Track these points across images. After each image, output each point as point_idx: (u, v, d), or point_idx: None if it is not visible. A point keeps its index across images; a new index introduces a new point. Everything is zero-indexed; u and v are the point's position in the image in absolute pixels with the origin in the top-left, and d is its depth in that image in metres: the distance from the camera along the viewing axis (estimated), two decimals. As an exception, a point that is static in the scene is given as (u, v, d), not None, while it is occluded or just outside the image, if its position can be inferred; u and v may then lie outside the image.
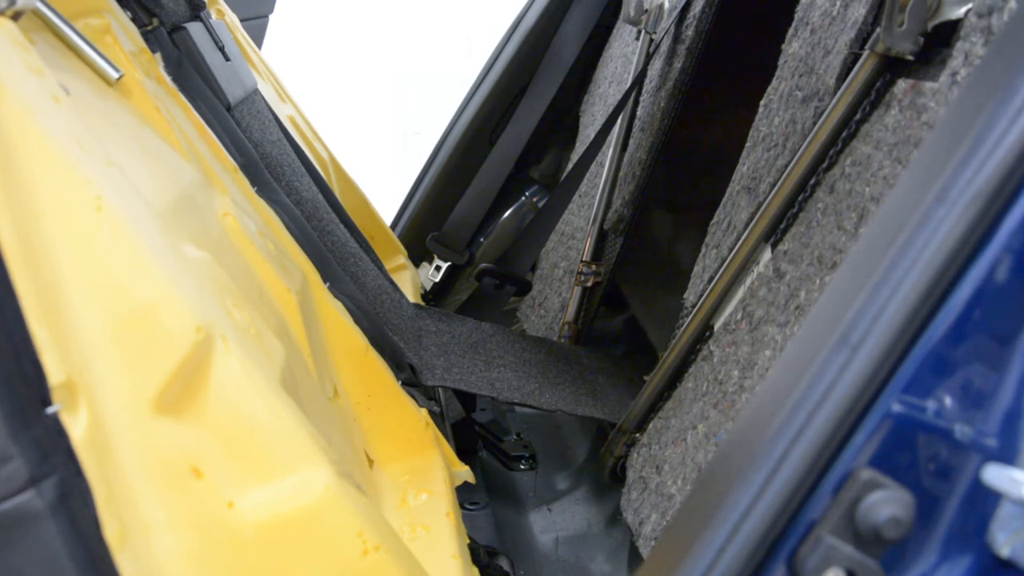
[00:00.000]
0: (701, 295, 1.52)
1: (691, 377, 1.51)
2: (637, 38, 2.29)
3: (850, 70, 1.27)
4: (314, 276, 1.56)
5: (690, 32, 2.04)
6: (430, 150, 2.63)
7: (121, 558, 0.76)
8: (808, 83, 1.40)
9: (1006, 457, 0.69)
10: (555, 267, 2.38)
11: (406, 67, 5.53)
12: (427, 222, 2.58)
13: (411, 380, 1.69)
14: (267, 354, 1.06)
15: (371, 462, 1.51)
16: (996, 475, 0.68)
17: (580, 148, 2.44)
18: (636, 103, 2.24)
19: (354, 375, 1.56)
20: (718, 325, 1.47)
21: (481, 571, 1.43)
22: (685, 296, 1.62)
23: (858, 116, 1.25)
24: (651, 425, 1.58)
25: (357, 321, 1.61)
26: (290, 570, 0.88)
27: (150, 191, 1.03)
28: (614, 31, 2.50)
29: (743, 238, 1.41)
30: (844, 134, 1.26)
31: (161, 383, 0.82)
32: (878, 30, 1.17)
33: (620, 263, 2.19)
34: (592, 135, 2.14)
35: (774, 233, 1.37)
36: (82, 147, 0.84)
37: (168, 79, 1.51)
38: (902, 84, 1.16)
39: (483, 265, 2.29)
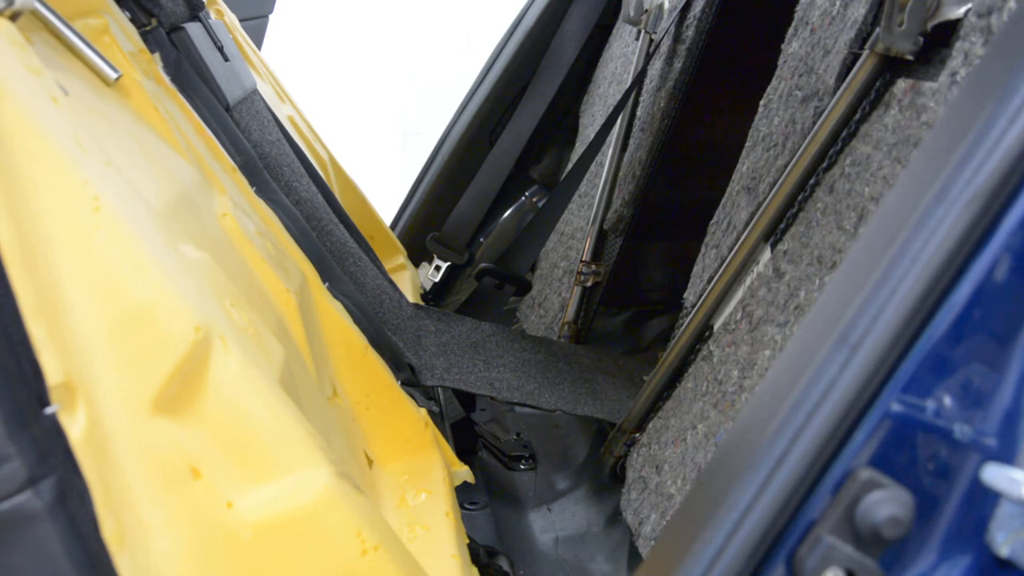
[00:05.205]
0: (701, 295, 1.52)
1: (691, 377, 1.51)
2: (637, 38, 2.29)
3: (850, 70, 1.27)
4: (313, 276, 1.56)
5: (690, 32, 2.04)
6: (430, 150, 2.63)
7: (120, 558, 0.76)
8: (808, 83, 1.40)
9: (1005, 457, 0.69)
10: (555, 267, 2.38)
11: (406, 67, 5.53)
12: (427, 222, 2.58)
13: (410, 380, 1.68)
14: (266, 354, 1.06)
15: (370, 462, 1.51)
16: (995, 475, 0.68)
17: (580, 148, 2.44)
18: (636, 103, 2.24)
19: (353, 375, 1.56)
20: (718, 325, 1.47)
21: (480, 571, 1.42)
22: (685, 296, 1.62)
23: (858, 116, 1.24)
24: (651, 425, 1.58)
25: (356, 321, 1.61)
26: (289, 570, 0.88)
27: (148, 191, 1.02)
28: (614, 31, 2.50)
29: (743, 238, 1.41)
30: (844, 134, 1.26)
31: (160, 383, 0.82)
32: (878, 30, 1.17)
33: (621, 262, 2.19)
34: (592, 135, 2.14)
35: (774, 233, 1.37)
36: (80, 147, 0.84)
37: (167, 79, 1.50)
38: (901, 84, 1.16)
39: (483, 265, 2.28)
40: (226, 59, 1.80)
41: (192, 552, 0.83)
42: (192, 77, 1.61)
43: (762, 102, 1.55)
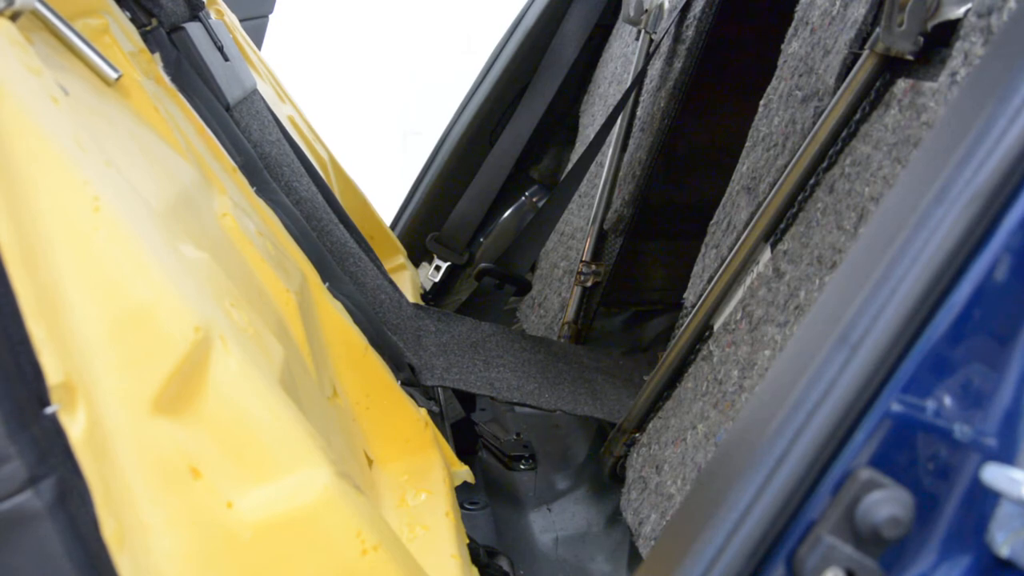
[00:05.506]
0: (701, 295, 1.52)
1: (691, 377, 1.51)
2: (637, 38, 2.29)
3: (850, 70, 1.27)
4: (313, 276, 1.56)
5: (690, 32, 2.04)
6: (430, 150, 2.63)
7: (120, 558, 0.76)
8: (808, 83, 1.40)
9: (1005, 457, 0.69)
10: (555, 267, 2.38)
11: (406, 67, 5.53)
12: (427, 222, 2.58)
13: (410, 380, 1.68)
14: (266, 354, 1.06)
15: (370, 462, 1.51)
16: (995, 475, 0.68)
17: (580, 148, 2.44)
18: (636, 103, 2.24)
19: (353, 375, 1.56)
20: (718, 325, 1.47)
21: (480, 571, 1.42)
22: (685, 296, 1.62)
23: (858, 116, 1.24)
24: (651, 425, 1.58)
25: (356, 321, 1.61)
26: (289, 570, 0.88)
27: (149, 191, 1.02)
28: (614, 31, 2.50)
29: (743, 238, 1.41)
30: (844, 134, 1.26)
31: (160, 383, 0.82)
32: (878, 30, 1.17)
33: (621, 262, 2.19)
34: (592, 135, 2.14)
35: (774, 233, 1.37)
36: (80, 147, 0.84)
37: (167, 79, 1.50)
38: (901, 84, 1.16)
39: (483, 265, 2.28)
40: (226, 59, 1.80)
41: (192, 552, 0.83)
42: (192, 77, 1.61)
43: (762, 102, 1.55)
